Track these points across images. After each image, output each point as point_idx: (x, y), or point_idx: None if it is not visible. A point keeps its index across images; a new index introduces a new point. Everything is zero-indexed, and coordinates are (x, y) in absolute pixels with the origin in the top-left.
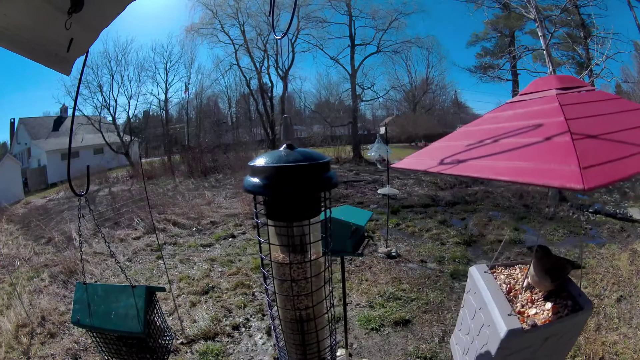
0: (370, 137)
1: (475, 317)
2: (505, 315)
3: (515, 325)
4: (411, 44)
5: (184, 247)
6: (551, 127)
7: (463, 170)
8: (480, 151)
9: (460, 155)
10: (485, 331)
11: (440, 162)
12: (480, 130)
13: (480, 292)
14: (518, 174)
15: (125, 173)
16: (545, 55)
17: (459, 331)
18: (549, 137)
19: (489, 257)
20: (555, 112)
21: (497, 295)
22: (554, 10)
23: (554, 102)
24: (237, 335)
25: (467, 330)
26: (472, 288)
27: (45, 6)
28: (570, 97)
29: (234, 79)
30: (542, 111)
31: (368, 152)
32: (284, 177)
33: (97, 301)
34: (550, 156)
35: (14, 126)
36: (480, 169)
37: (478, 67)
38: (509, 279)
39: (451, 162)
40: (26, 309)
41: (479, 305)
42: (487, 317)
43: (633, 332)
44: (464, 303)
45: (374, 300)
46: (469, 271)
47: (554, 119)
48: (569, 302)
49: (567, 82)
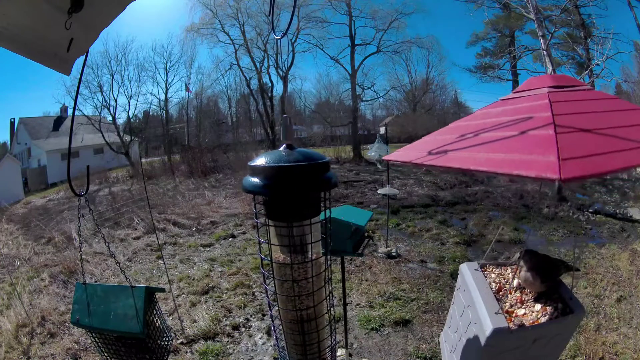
0: (370, 137)
1: (464, 314)
2: (492, 313)
3: (502, 324)
4: (411, 44)
5: (184, 247)
6: (537, 121)
7: (446, 162)
8: (465, 144)
9: (445, 147)
10: (473, 329)
11: (427, 153)
12: (469, 125)
13: (469, 289)
14: (497, 165)
15: (125, 173)
16: (545, 55)
17: (448, 328)
18: (532, 130)
19: (489, 257)
20: (544, 108)
21: (486, 293)
22: (554, 10)
23: (544, 99)
24: (237, 335)
25: (456, 328)
26: (462, 285)
27: (45, 6)
28: (562, 95)
29: (234, 79)
30: (531, 107)
31: (368, 152)
32: (284, 177)
33: (96, 301)
34: (532, 148)
35: (14, 126)
36: (462, 160)
37: (478, 67)
38: (499, 278)
39: (437, 153)
40: (26, 309)
41: (467, 302)
42: (475, 315)
43: (633, 332)
44: (454, 300)
45: (374, 300)
46: (460, 268)
47: (541, 114)
48: (559, 305)
49: (561, 81)
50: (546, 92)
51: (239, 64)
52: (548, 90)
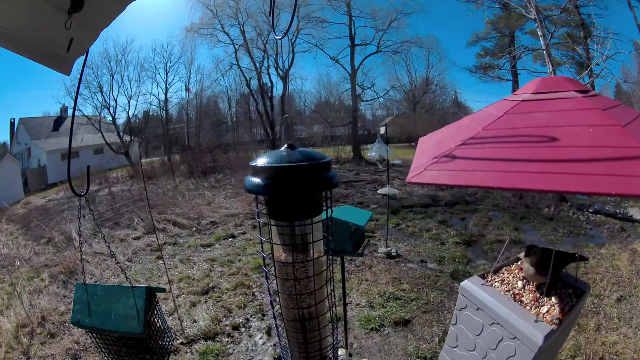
0: (370, 137)
1: (486, 333)
2: (532, 323)
3: (547, 329)
4: (411, 44)
5: (184, 247)
6: (609, 133)
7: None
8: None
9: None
10: (510, 344)
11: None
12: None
13: (488, 306)
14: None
15: (125, 173)
16: (545, 55)
17: (454, 347)
18: (612, 144)
19: (489, 257)
20: (598, 116)
21: (513, 306)
22: (554, 10)
23: (588, 105)
24: (237, 335)
25: (472, 346)
26: (470, 304)
27: (45, 6)
28: (597, 102)
29: (234, 79)
30: (578, 115)
31: (368, 152)
32: (285, 177)
33: (97, 301)
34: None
35: (14, 126)
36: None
37: (478, 67)
38: (504, 286)
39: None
40: (26, 309)
41: (490, 320)
42: (510, 330)
43: (633, 332)
44: (457, 320)
45: (374, 300)
46: (462, 287)
47: (599, 122)
48: (570, 291)
49: (578, 85)
50: (580, 96)
51: (239, 64)
52: (581, 96)
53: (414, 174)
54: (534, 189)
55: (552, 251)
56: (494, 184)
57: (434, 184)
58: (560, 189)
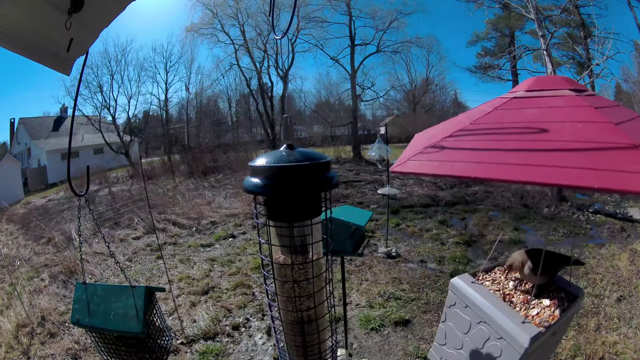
0: (370, 137)
1: (473, 331)
2: (519, 324)
3: (534, 331)
4: (411, 43)
5: (184, 247)
6: (602, 130)
7: (529, 175)
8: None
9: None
10: (496, 344)
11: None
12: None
13: (476, 304)
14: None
15: (125, 173)
16: (545, 55)
17: (443, 345)
18: (605, 140)
19: (491, 259)
20: (591, 113)
21: (501, 305)
22: (554, 10)
23: (582, 103)
24: (237, 335)
25: (460, 345)
26: (460, 301)
27: (45, 6)
28: (590, 100)
29: (234, 79)
30: (570, 112)
31: (368, 152)
32: (285, 177)
33: (96, 301)
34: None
35: (14, 126)
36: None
37: (478, 67)
38: (495, 285)
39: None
40: (26, 309)
41: (477, 319)
42: (496, 330)
43: (633, 332)
44: (446, 317)
45: (374, 300)
46: (452, 284)
47: (593, 119)
48: (562, 294)
49: (574, 84)
50: (574, 94)
51: (239, 64)
52: (576, 94)
53: (398, 164)
54: (515, 180)
55: (549, 252)
56: (475, 174)
57: (416, 174)
58: (540, 181)
